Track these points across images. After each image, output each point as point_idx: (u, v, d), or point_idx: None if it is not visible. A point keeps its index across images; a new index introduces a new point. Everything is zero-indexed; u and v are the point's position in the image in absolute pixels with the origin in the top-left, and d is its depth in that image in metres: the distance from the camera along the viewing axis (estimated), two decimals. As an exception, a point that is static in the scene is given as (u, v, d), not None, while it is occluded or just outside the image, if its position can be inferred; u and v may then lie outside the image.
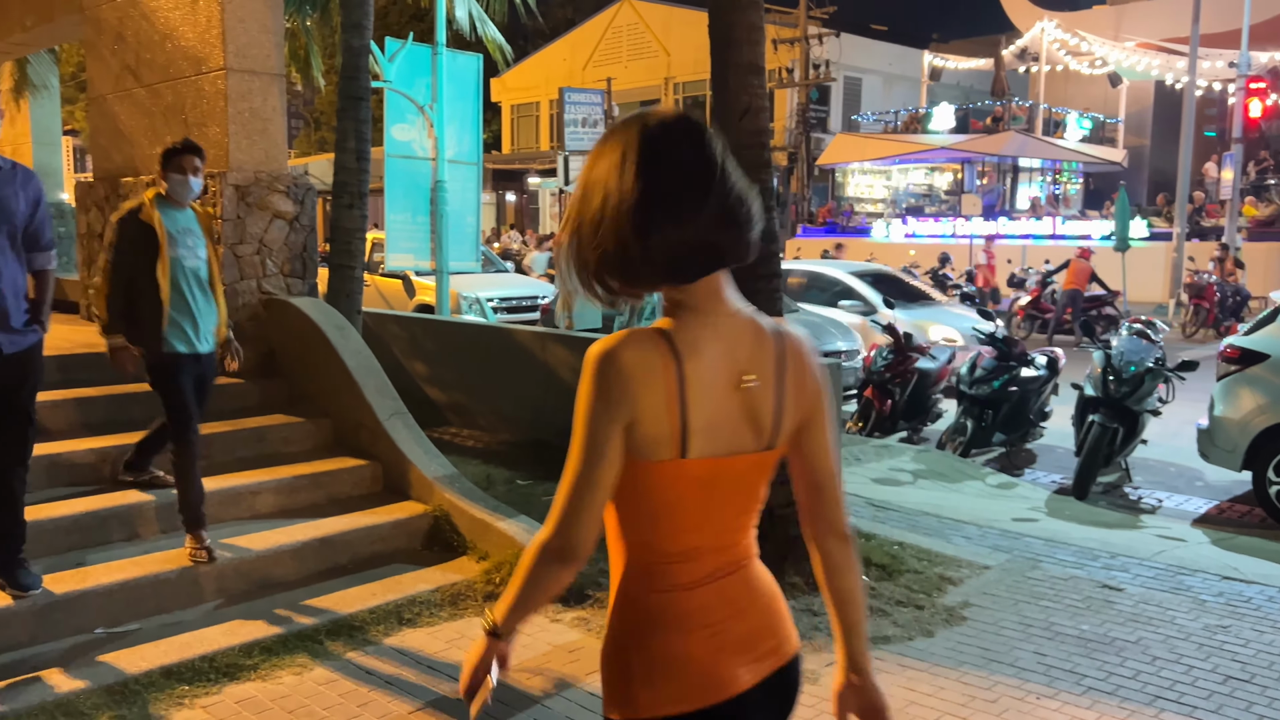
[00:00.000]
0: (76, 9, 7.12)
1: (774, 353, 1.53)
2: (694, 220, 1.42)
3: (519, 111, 42.27)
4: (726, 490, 1.53)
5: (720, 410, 1.48)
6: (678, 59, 36.39)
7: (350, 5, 7.21)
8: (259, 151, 6.04)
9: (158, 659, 3.63)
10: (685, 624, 1.51)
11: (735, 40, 4.62)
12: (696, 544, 1.52)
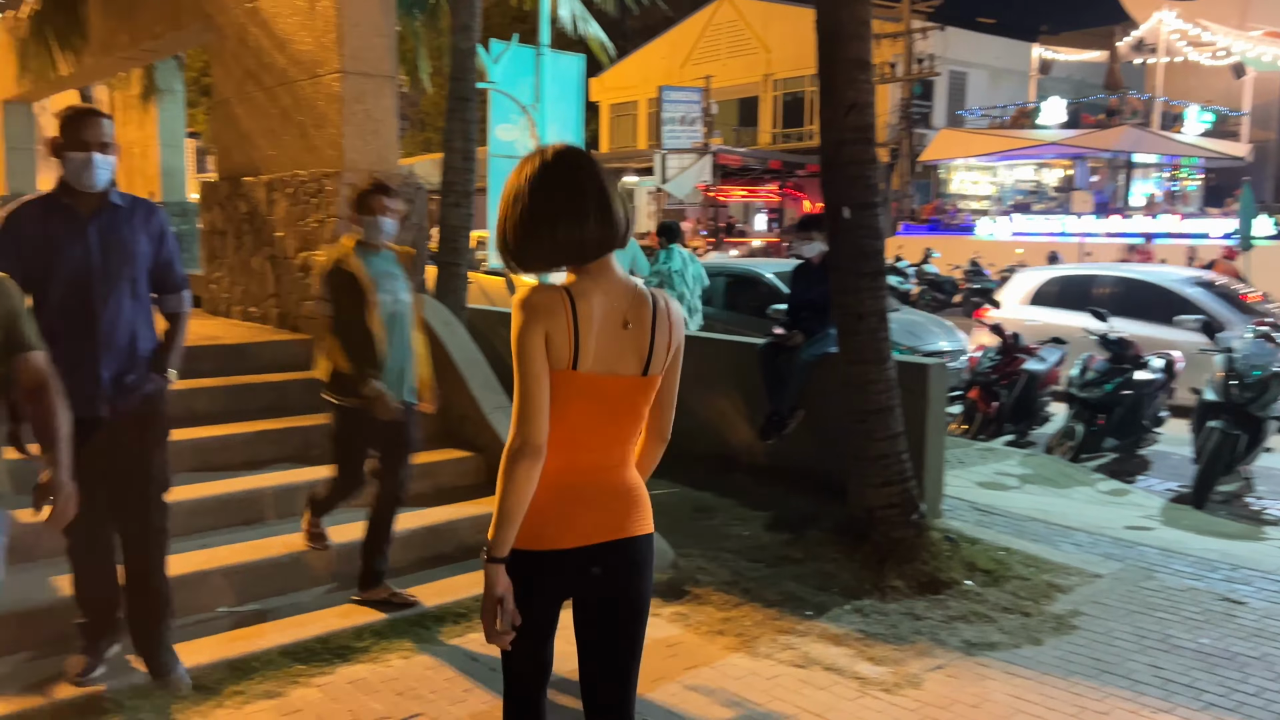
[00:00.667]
0: (203, 16, 7.46)
1: (650, 309, 2.16)
2: (583, 225, 2.06)
3: (617, 111, 42.51)
4: (613, 404, 2.15)
5: (605, 343, 2.10)
6: (777, 55, 36.06)
7: (459, 7, 7.39)
8: (372, 152, 6.23)
9: (275, 638, 3.79)
10: (569, 496, 2.14)
11: (843, 35, 4.58)
12: (578, 447, 2.15)
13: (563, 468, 2.12)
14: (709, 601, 4.34)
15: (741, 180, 32.33)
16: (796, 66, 35.27)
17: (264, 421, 5.38)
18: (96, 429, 3.07)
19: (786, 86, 36.68)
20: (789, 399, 5.86)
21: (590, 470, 2.16)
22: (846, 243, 4.74)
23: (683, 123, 27.64)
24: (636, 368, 2.15)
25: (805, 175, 32.01)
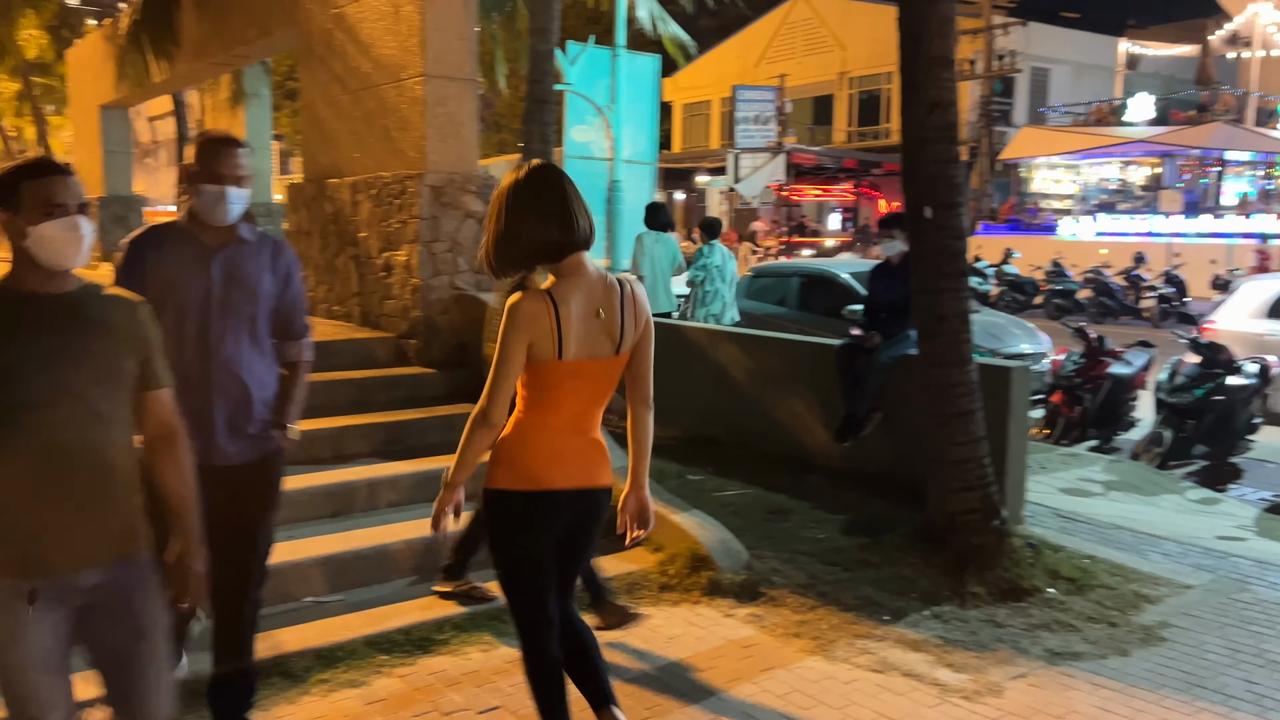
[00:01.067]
0: (292, 22, 7.68)
1: (619, 297, 2.62)
2: (551, 230, 2.53)
3: (689, 110, 42.48)
4: (589, 380, 2.64)
5: (584, 332, 2.57)
6: (853, 53, 35.65)
7: (537, 10, 7.48)
8: (453, 154, 6.34)
9: (360, 629, 3.89)
10: (541, 449, 2.65)
11: (925, 33, 4.52)
12: (563, 414, 2.65)
13: (550, 430, 2.66)
14: (784, 604, 4.32)
15: (815, 179, 32.05)
16: (873, 64, 34.83)
17: (349, 417, 5.52)
18: (205, 479, 2.53)
19: (862, 84, 36.23)
20: (866, 401, 5.80)
21: (571, 431, 2.69)
22: (928, 243, 4.68)
23: (756, 122, 27.52)
24: (610, 349, 2.64)
25: (881, 174, 31.62)
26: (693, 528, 4.68)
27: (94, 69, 13.35)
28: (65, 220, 2.14)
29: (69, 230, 2.13)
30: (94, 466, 2.17)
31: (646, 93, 11.67)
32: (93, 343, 2.19)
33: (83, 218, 2.18)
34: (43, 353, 2.13)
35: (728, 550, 4.59)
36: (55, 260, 2.14)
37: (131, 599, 2.23)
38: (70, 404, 2.14)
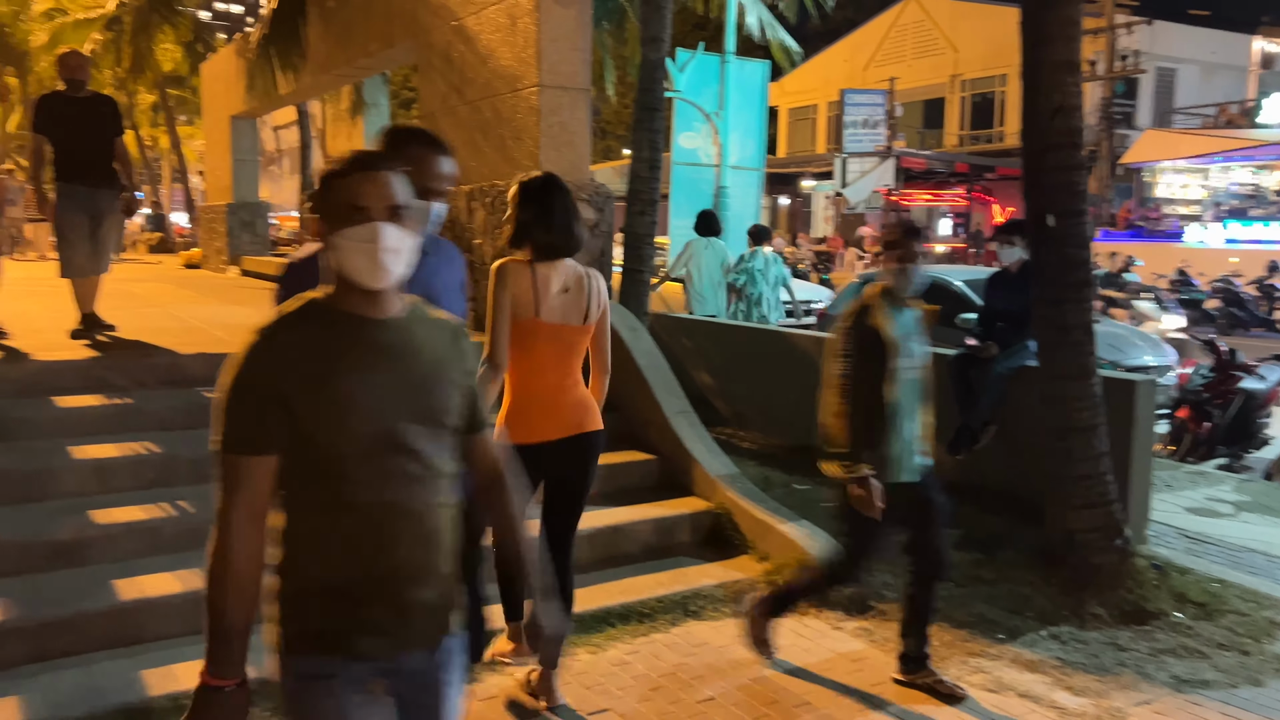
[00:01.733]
0: (412, 35, 7.93)
1: (586, 282, 3.29)
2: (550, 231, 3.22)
3: (795, 115, 42.13)
4: (564, 345, 3.26)
5: (559, 303, 3.22)
6: (965, 55, 34.81)
7: (649, 19, 7.54)
8: (566, 162, 6.45)
9: (472, 626, 3.98)
10: (534, 405, 3.24)
11: (1049, 36, 4.40)
12: (547, 374, 3.25)
13: (538, 389, 3.25)
14: (894, 618, 4.23)
15: (925, 184, 31.36)
16: (986, 66, 33.94)
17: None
18: None
19: (975, 87, 35.36)
20: (981, 413, 5.66)
21: (556, 389, 3.27)
22: (1051, 252, 4.54)
23: (865, 126, 27.09)
24: (579, 319, 3.29)
25: (995, 178, 30.75)
26: (801, 538, 4.65)
27: (226, 81, 14.03)
28: (363, 229, 1.71)
29: (365, 241, 1.71)
30: (423, 530, 1.79)
31: (755, 98, 11.62)
32: (421, 379, 1.80)
33: (389, 226, 1.72)
34: (367, 391, 1.73)
35: (836, 561, 4.54)
36: (356, 277, 1.73)
37: (445, 683, 1.90)
38: (398, 453, 1.77)
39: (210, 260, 15.11)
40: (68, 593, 3.76)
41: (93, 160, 6.24)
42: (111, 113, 6.42)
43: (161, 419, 5.10)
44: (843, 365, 3.52)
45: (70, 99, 6.26)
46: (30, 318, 6.50)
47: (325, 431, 1.71)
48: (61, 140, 6.16)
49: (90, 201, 6.23)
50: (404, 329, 1.81)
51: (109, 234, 6.42)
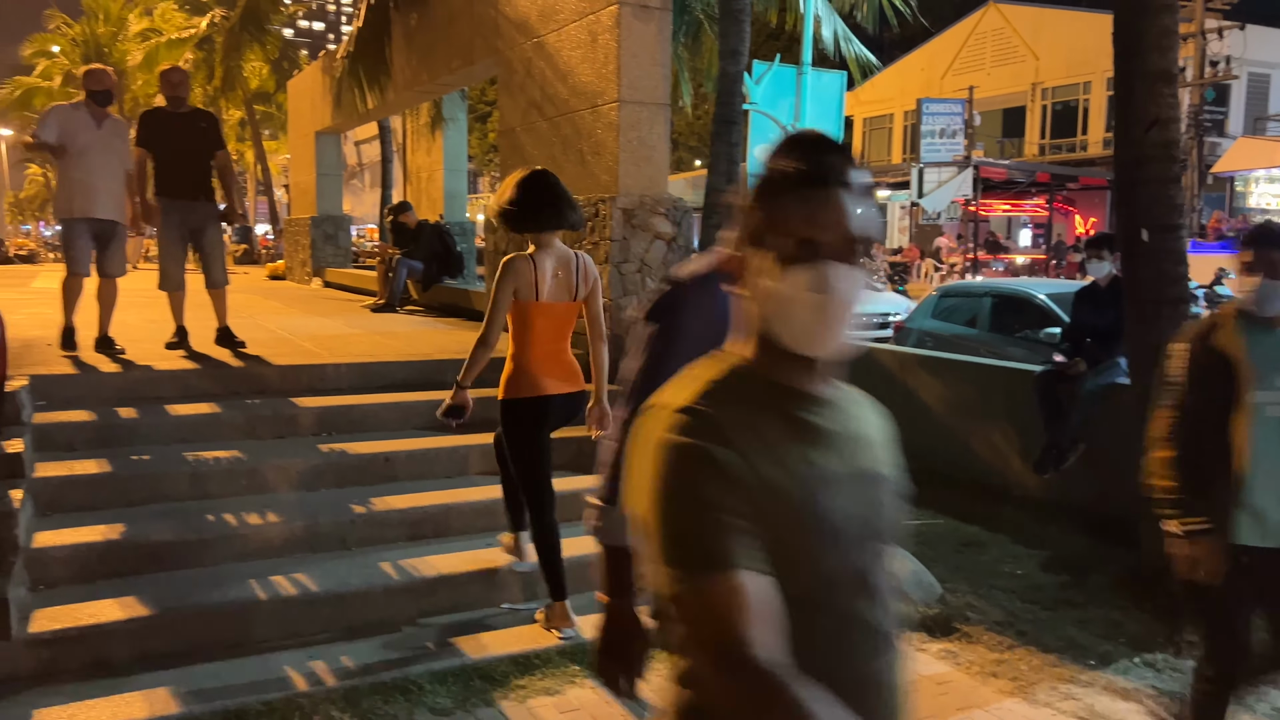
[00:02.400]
0: (493, 52, 8.07)
1: (575, 263, 3.95)
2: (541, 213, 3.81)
3: (871, 124, 41.73)
4: (558, 319, 3.94)
5: (552, 285, 3.87)
6: (1046, 63, 34.10)
7: (728, 33, 7.55)
8: (644, 177, 6.48)
9: (550, 638, 4.01)
10: (536, 367, 3.89)
11: (1144, 47, 4.29)
12: (544, 342, 3.90)
13: (538, 355, 3.92)
14: (980, 641, 4.17)
15: (1005, 194, 30.73)
16: (1069, 73, 33.21)
17: (541, 431, 5.71)
18: None
19: (1057, 95, 34.62)
20: (1069, 431, 5.52)
21: (552, 355, 3.97)
22: (1145, 267, 4.42)
23: (942, 135, 26.69)
24: (569, 297, 3.98)
25: (1077, 188, 30.00)
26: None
27: (311, 99, 14.43)
28: (811, 274, 1.18)
29: (813, 291, 1.18)
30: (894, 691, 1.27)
31: (832, 109, 11.49)
32: (874, 485, 1.31)
33: (844, 269, 1.19)
34: (829, 505, 1.20)
35: (919, 582, 4.47)
36: (794, 338, 1.22)
37: None
38: (862, 595, 1.23)
39: (294, 272, 15.53)
40: (166, 595, 3.89)
41: (192, 175, 6.39)
42: (211, 128, 6.57)
43: (252, 427, 5.26)
44: (1177, 395, 2.90)
45: (171, 115, 6.41)
46: (128, 328, 6.74)
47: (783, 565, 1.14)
48: (162, 155, 6.33)
49: (189, 215, 6.39)
50: (846, 412, 1.30)
51: (212, 247, 6.57)
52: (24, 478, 4.29)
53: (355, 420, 5.52)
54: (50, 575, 3.96)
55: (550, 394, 3.93)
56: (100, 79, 6.16)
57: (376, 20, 10.34)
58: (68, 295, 6.13)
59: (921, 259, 30.83)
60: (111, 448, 4.88)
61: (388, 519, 4.64)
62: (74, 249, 6.05)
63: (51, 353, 6.03)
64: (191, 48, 26.38)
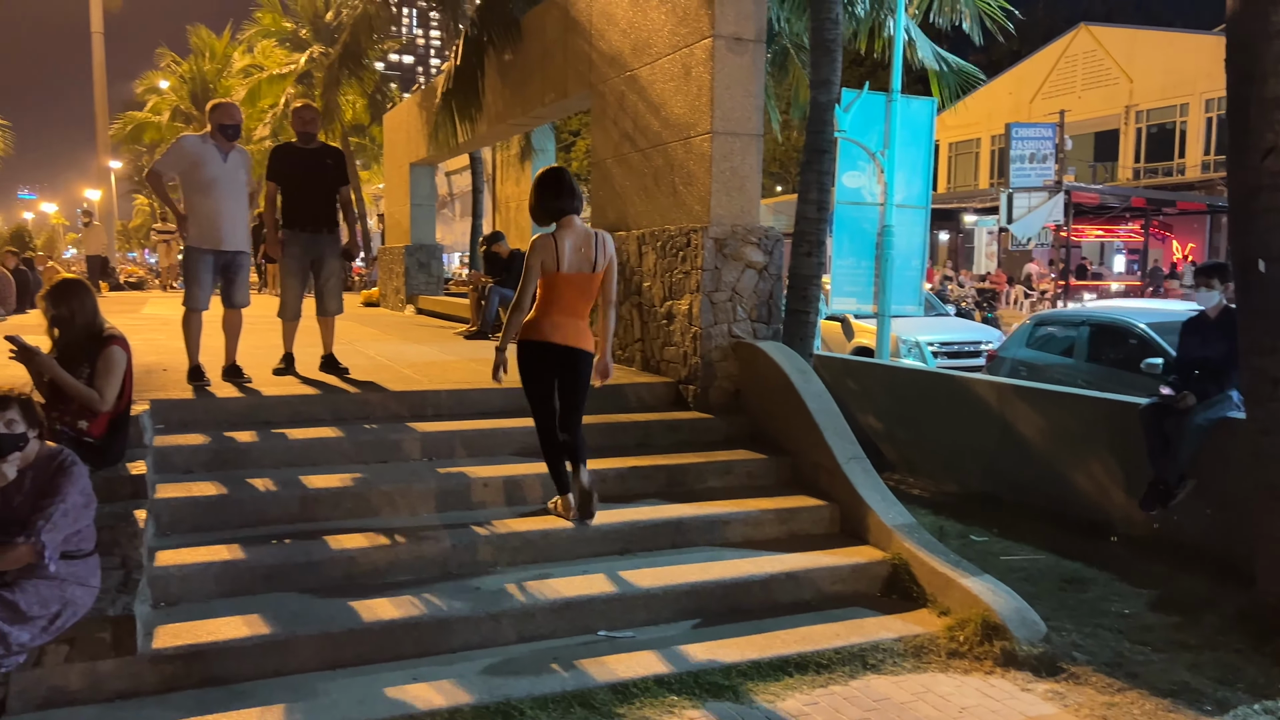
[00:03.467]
0: (587, 85, 8.23)
1: (594, 240, 4.87)
2: (558, 201, 4.84)
3: (957, 149, 41.14)
4: (578, 288, 4.85)
5: (574, 259, 4.80)
6: (1141, 85, 33.23)
7: (819, 63, 7.56)
8: (736, 206, 6.52)
9: (650, 667, 4.03)
10: (549, 321, 4.83)
11: (1262, 72, 4.17)
12: (565, 306, 4.83)
13: (557, 316, 4.82)
14: (1088, 683, 4.05)
15: (1098, 219, 29.96)
16: (1165, 96, 32.31)
17: (634, 458, 5.77)
18: None
19: (1151, 118, 33.69)
20: (1177, 467, 5.35)
21: (568, 316, 4.85)
22: (1262, 298, 4.28)
23: (1032, 160, 26.12)
24: (589, 269, 4.86)
25: (1174, 213, 29.07)
26: (984, 593, 4.49)
27: (407, 131, 14.88)
28: None
29: None
30: None
31: (921, 136, 11.41)
32: None
33: None
34: None
35: (1024, 620, 4.37)
36: None
37: None
38: None
39: (388, 299, 15.96)
40: (279, 615, 4.03)
41: (315, 208, 6.60)
42: (336, 163, 6.75)
43: (358, 452, 5.43)
44: None
45: (299, 150, 6.66)
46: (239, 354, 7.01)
47: None
48: (288, 188, 6.58)
49: (312, 247, 6.63)
50: None
51: (330, 278, 6.78)
52: (146, 498, 4.50)
53: (455, 445, 5.65)
54: (170, 593, 4.14)
55: (554, 343, 4.82)
56: (230, 113, 6.31)
57: (472, 56, 10.63)
58: (189, 333, 6.25)
59: (1010, 285, 30.18)
60: (225, 470, 5.09)
61: (487, 543, 4.73)
62: (196, 282, 6.21)
63: (167, 378, 6.31)
64: (292, 82, 27.44)
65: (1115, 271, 32.86)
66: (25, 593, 3.43)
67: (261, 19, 29.30)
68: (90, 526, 3.72)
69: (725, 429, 6.34)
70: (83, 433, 4.34)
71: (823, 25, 7.49)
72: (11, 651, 3.41)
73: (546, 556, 4.83)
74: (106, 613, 3.69)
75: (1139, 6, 49.57)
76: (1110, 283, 29.40)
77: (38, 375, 4.38)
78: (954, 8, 10.44)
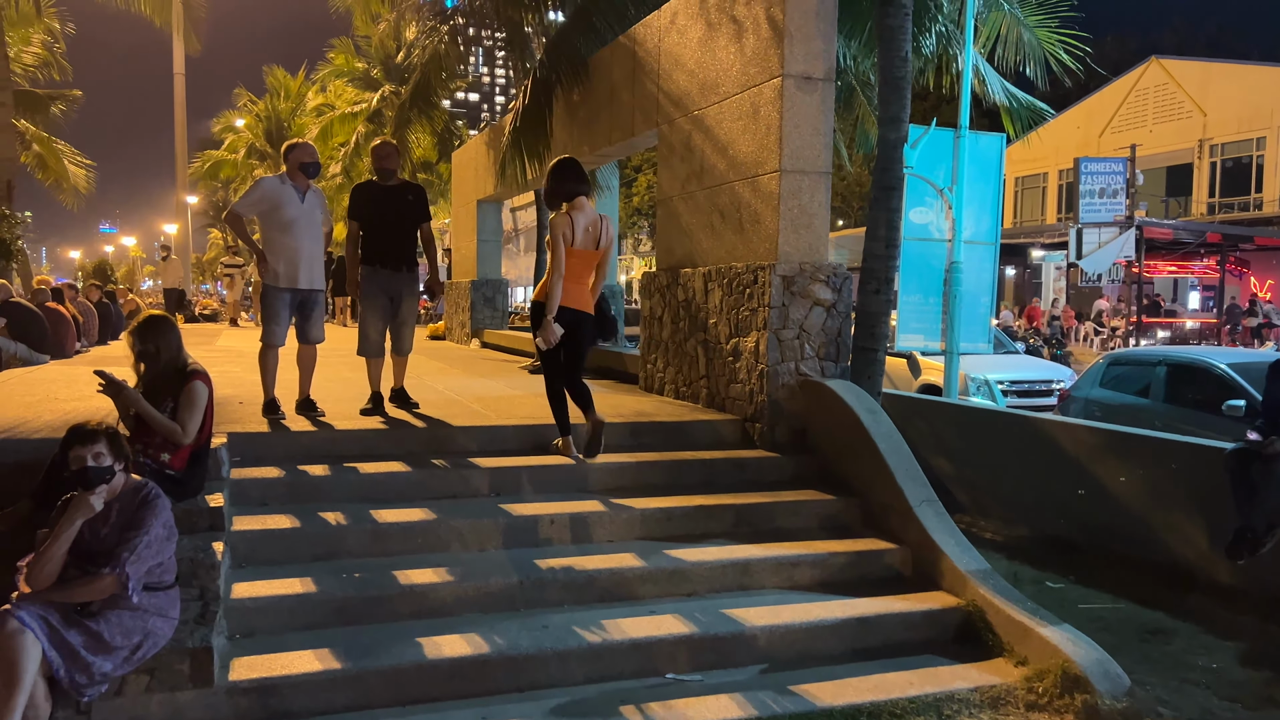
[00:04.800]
0: (653, 124, 8.30)
1: (600, 224, 5.98)
2: (575, 184, 5.90)
3: (1023, 183, 40.57)
4: (584, 260, 5.93)
5: (583, 237, 5.87)
6: (1215, 118, 32.51)
7: (888, 100, 7.53)
8: (804, 244, 6.50)
9: (720, 712, 3.97)
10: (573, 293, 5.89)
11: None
12: (573, 276, 5.88)
13: (571, 287, 5.82)
14: (1175, 739, 3.89)
15: (1171, 255, 29.24)
16: (1240, 129, 31.58)
17: (700, 496, 5.73)
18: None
19: (1227, 152, 32.89)
20: (1265, 514, 5.15)
21: (580, 286, 5.89)
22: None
23: (1102, 195, 25.64)
24: (594, 246, 5.90)
25: (1252, 249, 28.27)
26: (1063, 643, 4.35)
27: (475, 168, 15.14)
28: None
29: None
30: None
31: (990, 172, 11.29)
32: None
33: None
34: None
35: (1106, 672, 4.22)
36: None
37: None
38: None
39: (453, 333, 16.18)
40: (350, 650, 4.07)
41: (396, 245, 6.66)
42: (417, 199, 6.77)
43: (428, 487, 5.48)
44: None
45: (379, 187, 6.70)
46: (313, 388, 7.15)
47: None
48: (368, 225, 6.64)
49: (391, 283, 6.67)
50: None
51: (407, 315, 6.82)
52: (224, 530, 4.59)
53: (522, 481, 5.68)
54: (246, 625, 4.21)
55: (567, 306, 5.82)
56: (309, 152, 6.39)
57: (540, 96, 10.81)
58: (265, 368, 6.35)
59: (1080, 322, 29.54)
60: (299, 504, 5.18)
61: (554, 581, 4.73)
62: (274, 319, 6.29)
63: (243, 410, 6.46)
64: (363, 120, 28.15)
65: (1190, 308, 31.98)
66: (109, 623, 3.52)
67: (335, 59, 30.15)
68: (171, 559, 3.80)
69: (792, 468, 6.28)
70: (164, 465, 4.45)
71: (892, 63, 7.47)
72: (94, 681, 3.49)
73: (613, 595, 4.81)
74: (185, 644, 3.76)
75: (1210, 40, 48.71)
76: (1185, 320, 28.61)
77: (124, 409, 4.51)
78: (1019, 50, 10.35)
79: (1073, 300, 32.83)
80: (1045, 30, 10.50)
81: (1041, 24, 10.51)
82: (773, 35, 6.48)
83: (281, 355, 6.46)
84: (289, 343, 6.47)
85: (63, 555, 3.52)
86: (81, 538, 3.59)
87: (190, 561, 4.10)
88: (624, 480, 5.90)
